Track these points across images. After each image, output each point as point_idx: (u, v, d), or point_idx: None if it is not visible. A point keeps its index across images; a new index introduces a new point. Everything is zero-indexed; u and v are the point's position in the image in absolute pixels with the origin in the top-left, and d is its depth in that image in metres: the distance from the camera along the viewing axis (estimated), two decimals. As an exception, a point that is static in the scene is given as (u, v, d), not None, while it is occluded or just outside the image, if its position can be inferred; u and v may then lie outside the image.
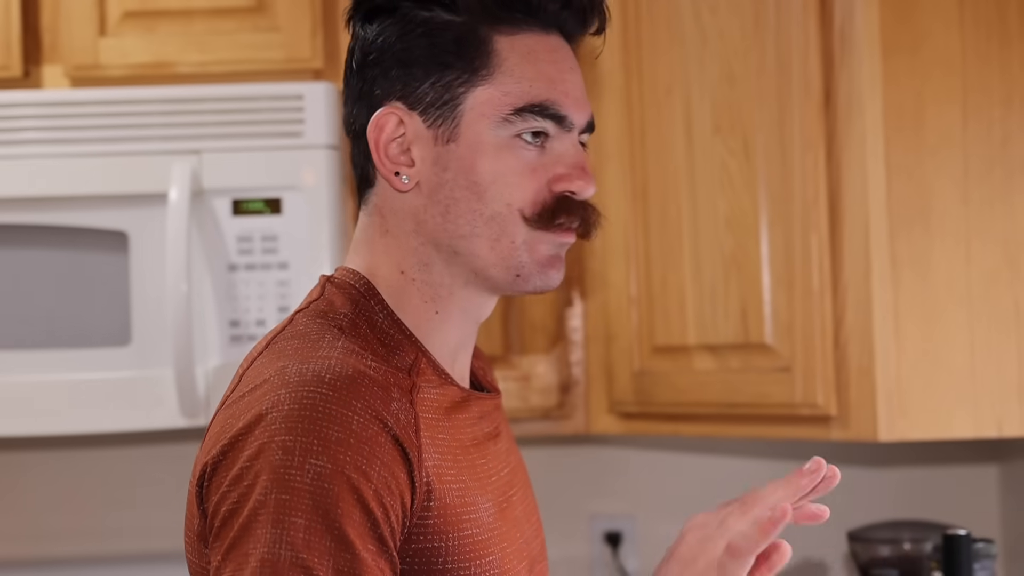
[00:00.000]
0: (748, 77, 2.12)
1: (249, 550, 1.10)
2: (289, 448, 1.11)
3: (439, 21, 1.26)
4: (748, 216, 2.12)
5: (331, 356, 1.19)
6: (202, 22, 2.37)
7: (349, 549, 1.10)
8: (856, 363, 2.00)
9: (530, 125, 1.26)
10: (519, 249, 1.26)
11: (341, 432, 1.13)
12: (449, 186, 1.26)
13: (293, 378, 1.16)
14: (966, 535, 1.92)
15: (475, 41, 1.25)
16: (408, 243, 1.29)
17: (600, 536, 2.75)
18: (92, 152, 2.25)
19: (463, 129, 1.26)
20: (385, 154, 1.27)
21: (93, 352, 2.25)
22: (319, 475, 1.11)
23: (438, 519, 1.19)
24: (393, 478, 1.15)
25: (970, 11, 2.03)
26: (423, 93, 1.26)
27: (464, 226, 1.26)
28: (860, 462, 2.73)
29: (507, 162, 1.26)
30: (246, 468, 1.13)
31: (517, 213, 1.26)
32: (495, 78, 1.25)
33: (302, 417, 1.13)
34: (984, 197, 2.02)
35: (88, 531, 2.74)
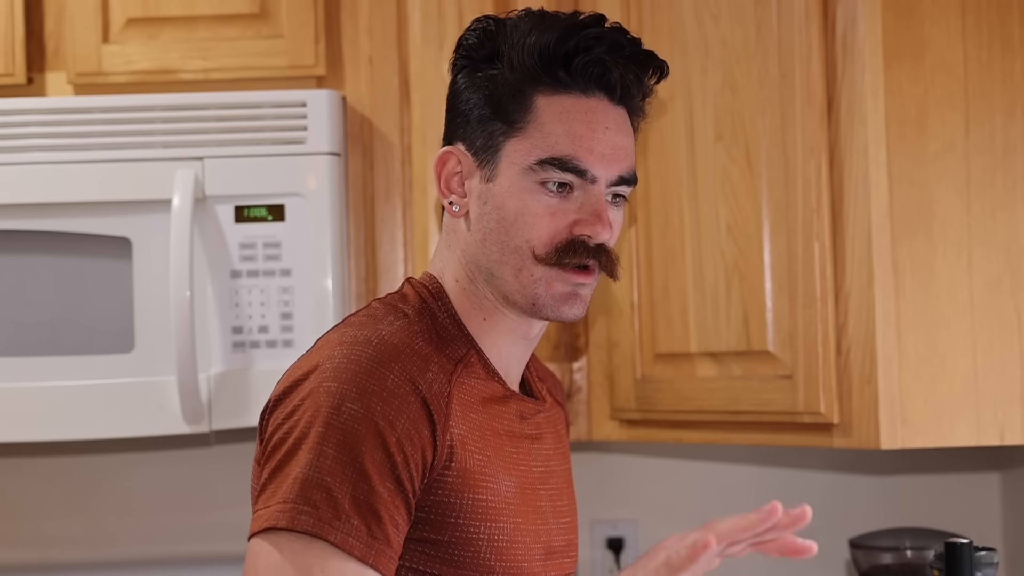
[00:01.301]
0: (750, 85, 2.12)
1: (290, 470, 1.32)
2: (332, 392, 1.34)
3: (498, 79, 1.46)
4: (750, 223, 2.12)
5: (385, 329, 1.42)
6: (205, 29, 2.38)
7: (367, 481, 1.31)
8: (858, 371, 2.00)
9: (551, 176, 1.44)
10: (537, 283, 1.46)
11: (377, 386, 1.34)
12: (486, 218, 1.47)
13: (348, 339, 1.40)
14: (968, 543, 1.91)
15: (520, 98, 1.46)
16: (460, 259, 1.51)
17: (602, 542, 2.75)
18: (95, 159, 2.25)
19: (500, 172, 1.47)
20: (446, 185, 1.50)
21: (96, 358, 2.25)
22: (352, 417, 1.32)
23: (456, 478, 1.39)
24: (417, 432, 1.35)
25: (972, 19, 2.03)
26: (475, 138, 1.48)
27: (495, 253, 1.47)
28: (862, 470, 2.73)
29: (528, 205, 1.45)
30: (298, 406, 1.35)
31: (530, 250, 1.45)
32: (528, 132, 1.45)
33: (347, 369, 1.35)
34: (986, 205, 2.02)
35: (92, 537, 2.74)
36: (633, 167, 1.50)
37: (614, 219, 1.49)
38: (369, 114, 2.40)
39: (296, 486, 1.30)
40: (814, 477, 2.74)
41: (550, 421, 1.59)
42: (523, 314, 1.50)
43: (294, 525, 1.28)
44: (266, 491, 1.33)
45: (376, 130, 2.40)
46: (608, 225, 1.45)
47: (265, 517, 1.31)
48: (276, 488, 1.32)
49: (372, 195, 2.40)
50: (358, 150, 2.40)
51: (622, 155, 1.48)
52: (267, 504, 1.32)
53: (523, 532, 1.45)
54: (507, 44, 1.47)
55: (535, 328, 1.54)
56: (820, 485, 2.73)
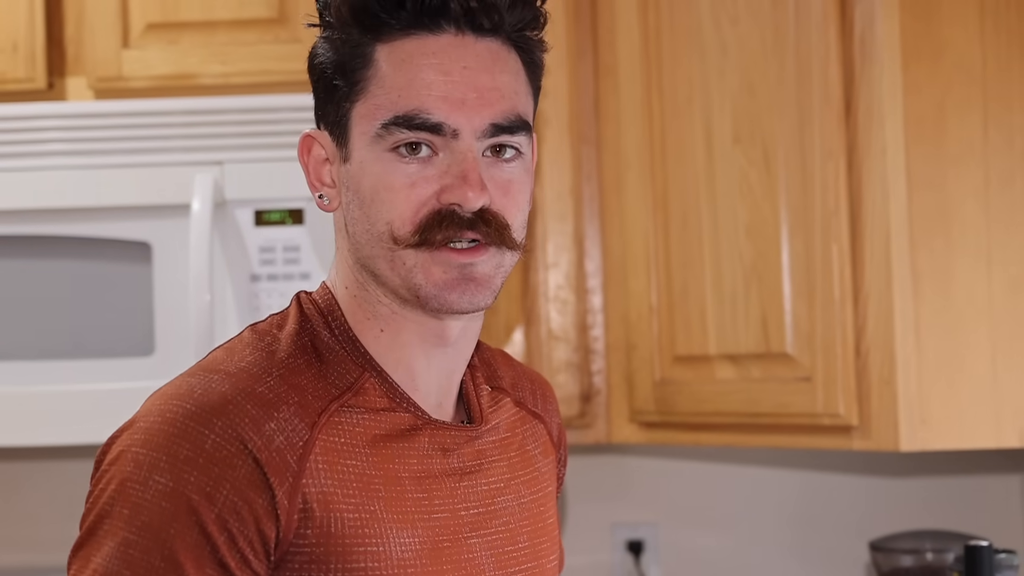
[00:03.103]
0: (768, 87, 2.12)
1: (91, 554, 1.12)
2: (140, 461, 1.12)
3: (333, 38, 1.21)
4: (768, 226, 2.12)
5: (222, 371, 1.17)
6: (224, 33, 2.39)
7: (178, 570, 1.09)
8: (877, 373, 2.00)
9: (399, 138, 1.17)
10: (412, 271, 1.18)
11: (191, 451, 1.11)
12: (350, 206, 1.21)
13: (170, 390, 1.17)
14: (988, 545, 1.91)
15: (357, 54, 1.20)
16: (346, 261, 1.25)
17: (622, 544, 2.75)
18: (115, 163, 2.26)
19: (352, 147, 1.21)
20: (316, 177, 1.25)
21: (117, 362, 2.26)
22: (160, 493, 1.10)
23: (317, 548, 1.14)
24: (245, 503, 1.11)
25: (991, 20, 2.02)
26: (328, 112, 1.23)
27: (365, 247, 1.21)
28: (882, 472, 2.72)
29: (383, 179, 1.18)
30: (104, 472, 1.15)
31: (393, 231, 1.18)
32: (369, 91, 1.19)
33: (159, 431, 1.13)
34: (1005, 207, 2.01)
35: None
36: (515, 110, 1.20)
37: (496, 177, 1.19)
38: (387, 118, 2.40)
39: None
40: (833, 479, 2.73)
41: (506, 446, 1.31)
42: (420, 313, 1.22)
43: None
44: (73, 566, 1.14)
45: (394, 134, 2.40)
46: (479, 186, 1.16)
47: None
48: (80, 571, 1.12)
49: (391, 198, 2.40)
50: (376, 154, 2.40)
51: (493, 98, 1.18)
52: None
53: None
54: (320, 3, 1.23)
55: (451, 329, 1.24)
56: (839, 487, 2.73)
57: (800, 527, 2.73)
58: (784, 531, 2.74)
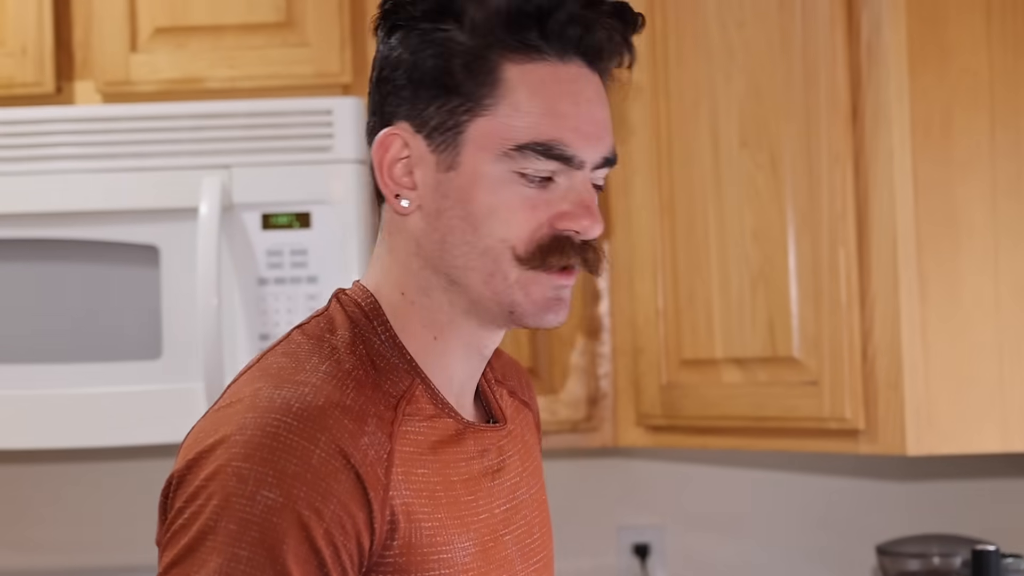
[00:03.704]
0: (775, 91, 2.12)
1: (191, 571, 1.10)
2: (244, 476, 1.10)
3: (452, 42, 1.20)
4: (775, 229, 2.12)
5: (308, 382, 1.17)
6: (232, 38, 2.39)
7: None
8: (884, 377, 2.00)
9: (531, 164, 1.20)
10: (513, 288, 1.21)
11: (299, 466, 1.11)
12: (447, 215, 1.22)
13: (263, 403, 1.15)
14: (995, 550, 1.91)
15: (484, 67, 1.20)
16: (409, 265, 1.25)
17: (628, 548, 2.75)
18: (123, 167, 2.27)
19: (464, 158, 1.21)
20: (389, 175, 1.24)
21: (124, 365, 2.27)
22: (269, 508, 1.09)
23: (400, 558, 1.16)
24: (349, 517, 1.12)
25: (998, 24, 2.02)
26: (429, 116, 1.21)
27: (459, 257, 1.22)
28: (889, 476, 2.72)
29: (504, 197, 1.20)
30: (201, 488, 1.12)
31: (509, 250, 1.20)
32: (499, 109, 1.20)
33: (262, 445, 1.11)
34: (1012, 211, 2.01)
35: (119, 542, 2.75)
36: (614, 144, 1.27)
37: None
38: (395, 122, 2.41)
39: None
40: (840, 483, 2.73)
41: (515, 439, 1.35)
42: (492, 325, 1.26)
43: None
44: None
45: (402, 137, 2.40)
46: (598, 216, 1.22)
47: None
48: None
49: (398, 202, 2.41)
50: (384, 157, 2.41)
51: (605, 131, 1.25)
52: None
53: None
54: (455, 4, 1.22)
55: (494, 341, 1.30)
56: (846, 491, 2.73)
57: (807, 531, 2.73)
58: (791, 535, 2.73)
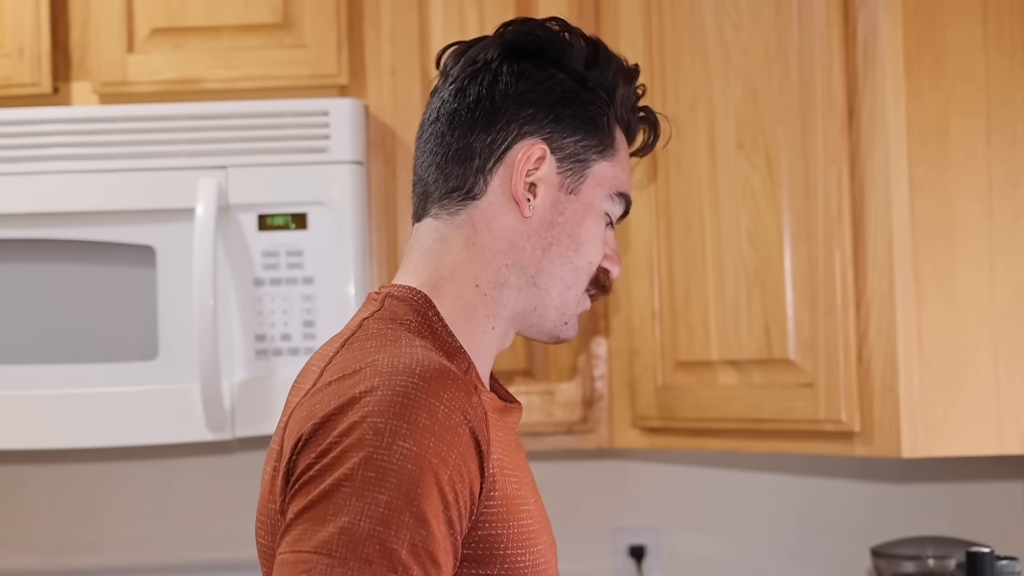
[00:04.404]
0: (771, 93, 2.13)
1: (328, 516, 1.19)
2: (380, 429, 1.21)
3: (599, 99, 1.45)
4: (771, 232, 2.12)
5: (416, 352, 1.30)
6: (229, 39, 2.39)
7: (425, 526, 1.19)
8: (880, 379, 2.00)
9: (616, 209, 1.47)
10: (577, 303, 1.46)
11: (428, 420, 1.23)
12: (557, 229, 1.42)
13: (385, 368, 1.27)
14: (990, 552, 1.91)
15: (608, 125, 1.45)
16: (493, 260, 1.42)
17: (624, 550, 2.75)
18: (120, 168, 2.27)
19: (584, 188, 1.44)
20: (522, 179, 1.42)
21: (120, 366, 2.27)
22: (405, 456, 1.20)
23: (500, 508, 1.31)
24: (466, 467, 1.25)
25: (994, 27, 2.03)
26: (566, 145, 1.43)
27: (556, 266, 1.43)
28: (884, 478, 2.72)
29: (598, 230, 1.45)
30: (335, 443, 1.22)
31: (592, 272, 1.46)
32: (614, 160, 1.46)
33: (394, 403, 1.23)
34: (1008, 213, 2.01)
35: (115, 543, 2.75)
36: None
37: None
38: (391, 123, 2.41)
39: (344, 538, 1.17)
40: (836, 485, 2.73)
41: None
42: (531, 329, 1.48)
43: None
44: (295, 529, 1.20)
45: (398, 139, 2.41)
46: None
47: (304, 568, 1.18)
48: (312, 531, 1.19)
49: (395, 204, 2.41)
50: (380, 159, 2.41)
51: None
52: (301, 548, 1.19)
53: (549, 549, 1.40)
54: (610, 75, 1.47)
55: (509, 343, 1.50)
56: (842, 493, 2.73)
57: (802, 533, 2.73)
58: (786, 537, 2.74)
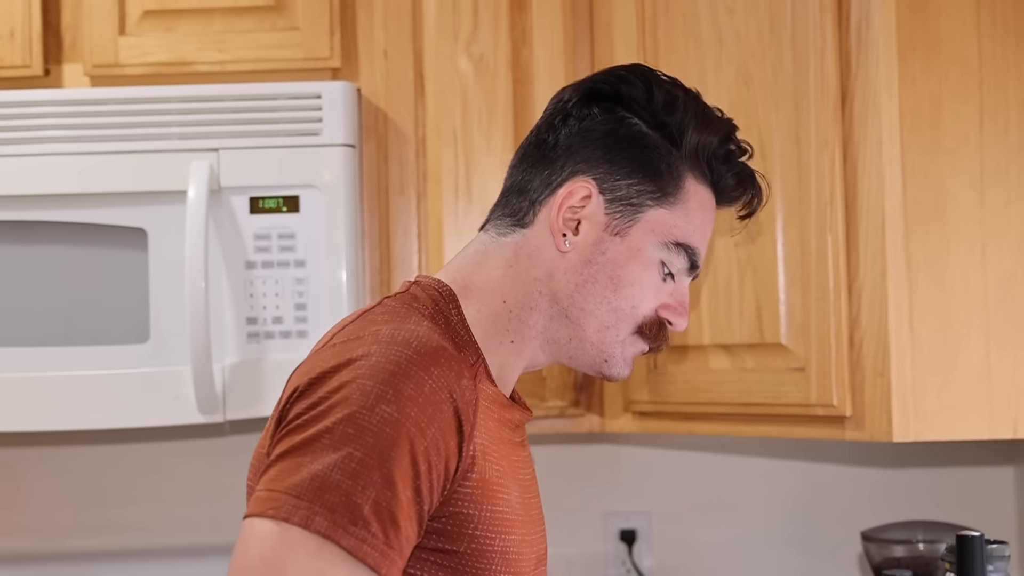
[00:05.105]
0: (764, 78, 2.12)
1: (304, 462, 1.25)
2: (367, 391, 1.28)
3: (657, 142, 1.47)
4: (764, 216, 2.12)
5: (419, 329, 1.36)
6: (221, 21, 2.39)
7: (392, 488, 1.25)
8: (871, 364, 2.01)
9: (676, 260, 1.48)
10: (618, 344, 1.49)
11: (414, 391, 1.29)
12: (596, 268, 1.46)
13: (385, 338, 1.34)
14: (979, 536, 1.91)
15: (676, 173, 1.48)
16: (527, 285, 1.48)
17: (615, 534, 2.76)
18: (111, 150, 2.27)
19: (632, 232, 1.46)
20: (560, 215, 1.46)
21: (112, 348, 2.26)
22: (385, 420, 1.27)
23: (476, 489, 1.36)
24: (444, 442, 1.31)
25: (987, 12, 2.03)
26: (618, 187, 1.46)
27: (589, 303, 1.47)
28: (875, 462, 2.73)
29: (647, 276, 1.47)
30: (324, 398, 1.29)
31: (636, 318, 1.48)
32: (675, 208, 1.47)
33: (385, 370, 1.30)
34: (1000, 199, 2.02)
35: (106, 526, 2.75)
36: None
37: None
38: (384, 106, 2.41)
39: (314, 484, 1.24)
40: (827, 470, 2.74)
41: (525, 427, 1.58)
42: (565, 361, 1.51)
43: (307, 525, 1.23)
44: (274, 469, 1.27)
45: (391, 122, 2.40)
46: (688, 316, 1.52)
47: (272, 504, 1.24)
48: (289, 473, 1.25)
49: (386, 187, 2.41)
50: (372, 142, 2.41)
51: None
52: (273, 487, 1.26)
53: (525, 542, 1.44)
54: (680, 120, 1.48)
55: (541, 366, 1.55)
56: (833, 478, 2.74)
57: (793, 517, 2.74)
58: (777, 521, 2.74)
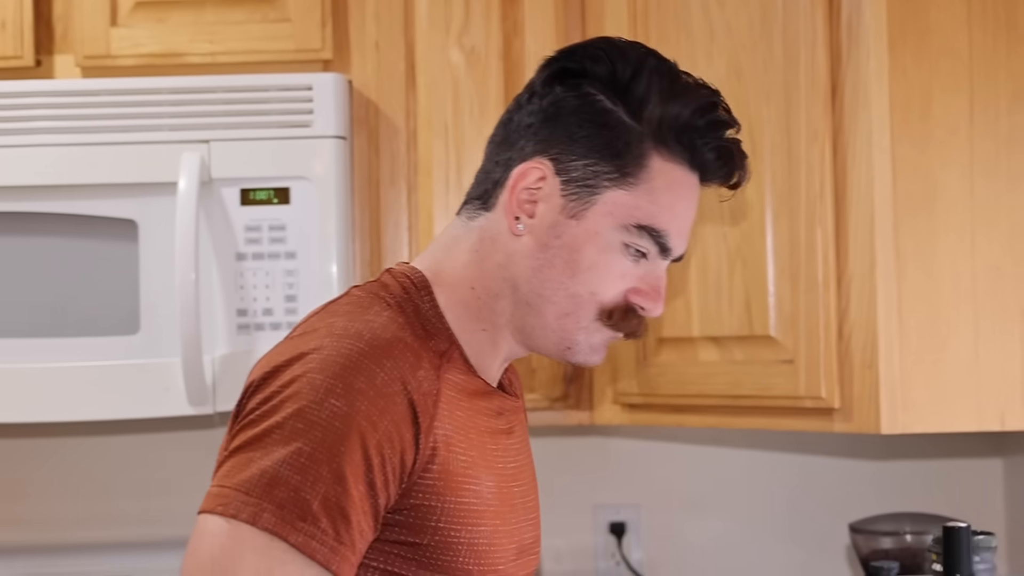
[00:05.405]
0: (755, 70, 2.13)
1: (255, 457, 1.26)
2: (317, 385, 1.27)
3: (620, 121, 1.39)
4: (753, 208, 2.13)
5: (376, 320, 1.35)
6: (212, 12, 2.39)
7: (341, 483, 1.25)
8: (860, 356, 2.01)
9: (639, 243, 1.40)
10: (580, 331, 1.42)
11: (365, 384, 1.28)
12: (552, 252, 1.40)
13: (338, 330, 1.33)
14: (966, 527, 1.92)
15: (637, 151, 1.39)
16: (491, 271, 1.43)
17: (604, 526, 2.76)
18: (103, 141, 2.26)
19: (589, 215, 1.39)
20: (516, 198, 1.41)
21: (102, 340, 2.26)
22: (334, 414, 1.26)
23: (438, 481, 1.34)
24: (398, 435, 1.29)
25: (978, 4, 2.03)
26: (574, 168, 1.39)
27: (547, 289, 1.41)
28: (863, 454, 2.73)
29: (607, 260, 1.40)
30: (276, 392, 1.29)
31: (596, 304, 1.40)
32: (637, 189, 1.39)
33: (335, 363, 1.28)
34: (990, 191, 2.02)
35: (97, 518, 2.75)
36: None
37: None
38: (375, 98, 2.41)
39: (263, 480, 1.24)
40: (816, 462, 2.75)
41: (518, 415, 1.54)
42: (534, 350, 1.46)
43: (255, 522, 1.23)
44: (227, 464, 1.28)
45: (382, 114, 2.40)
46: (664, 299, 1.44)
47: (222, 500, 1.25)
48: (239, 468, 1.26)
49: (377, 179, 2.41)
50: (364, 134, 2.41)
51: (689, 234, 1.46)
52: (224, 483, 1.26)
53: (500, 533, 1.41)
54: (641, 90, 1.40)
55: (521, 354, 1.50)
56: (822, 469, 2.74)
57: (782, 509, 2.75)
58: (766, 513, 2.75)
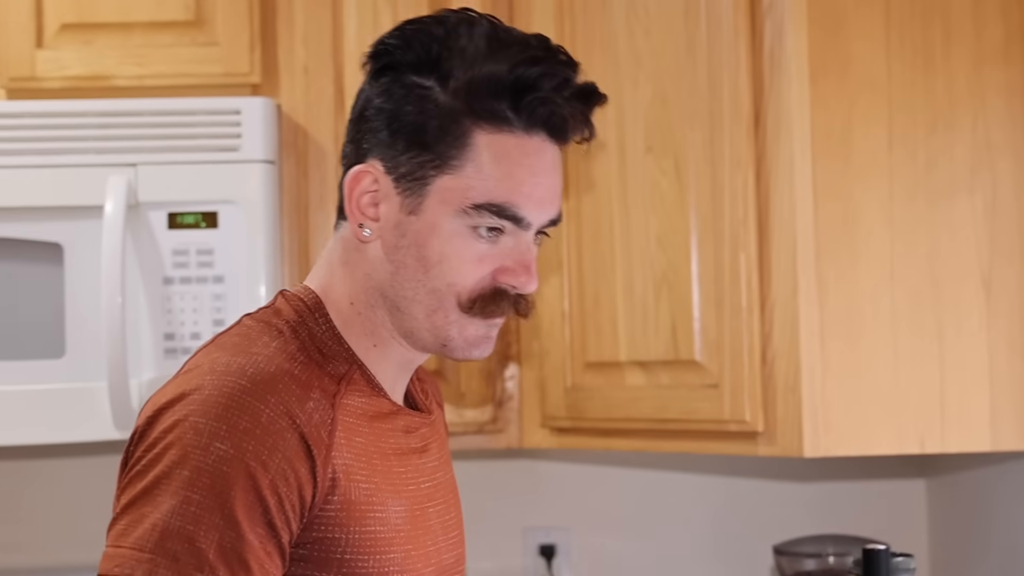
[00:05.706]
0: (680, 97, 2.15)
1: (146, 512, 1.22)
2: (200, 429, 1.23)
3: (431, 102, 1.32)
4: (679, 234, 2.15)
5: (261, 353, 1.30)
6: (140, 35, 2.38)
7: (236, 529, 1.21)
8: (783, 380, 2.04)
9: (485, 222, 1.33)
10: (451, 325, 1.36)
11: (250, 423, 1.24)
12: (403, 252, 1.35)
13: (220, 367, 1.28)
14: (885, 549, 1.94)
15: (457, 131, 1.32)
16: (361, 282, 1.39)
17: (534, 549, 2.77)
18: (28, 164, 2.25)
19: (425, 208, 1.34)
20: (357, 205, 1.36)
21: (26, 364, 2.24)
22: (220, 458, 1.22)
23: (340, 512, 1.30)
24: (292, 471, 1.25)
25: (896, 36, 2.07)
26: (401, 163, 1.34)
27: (408, 290, 1.36)
28: (787, 477, 2.76)
29: (457, 248, 1.34)
30: (159, 438, 1.25)
31: (454, 295, 1.35)
32: (464, 170, 1.32)
33: (217, 404, 1.24)
34: (908, 219, 2.06)
35: (22, 542, 2.72)
36: (561, 207, 1.39)
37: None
38: (303, 122, 2.41)
39: (155, 534, 1.20)
40: (742, 484, 2.77)
41: (434, 430, 1.49)
42: (424, 351, 1.41)
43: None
44: (119, 524, 1.24)
45: (311, 138, 2.41)
46: (535, 274, 1.36)
47: (118, 561, 1.21)
48: (131, 527, 1.22)
49: (306, 203, 2.41)
50: (292, 158, 2.41)
51: (556, 198, 1.37)
52: (119, 543, 1.22)
53: (414, 558, 1.37)
54: (450, 63, 1.32)
55: (423, 359, 1.45)
56: (747, 491, 2.77)
57: (708, 531, 2.77)
58: (693, 535, 2.77)
